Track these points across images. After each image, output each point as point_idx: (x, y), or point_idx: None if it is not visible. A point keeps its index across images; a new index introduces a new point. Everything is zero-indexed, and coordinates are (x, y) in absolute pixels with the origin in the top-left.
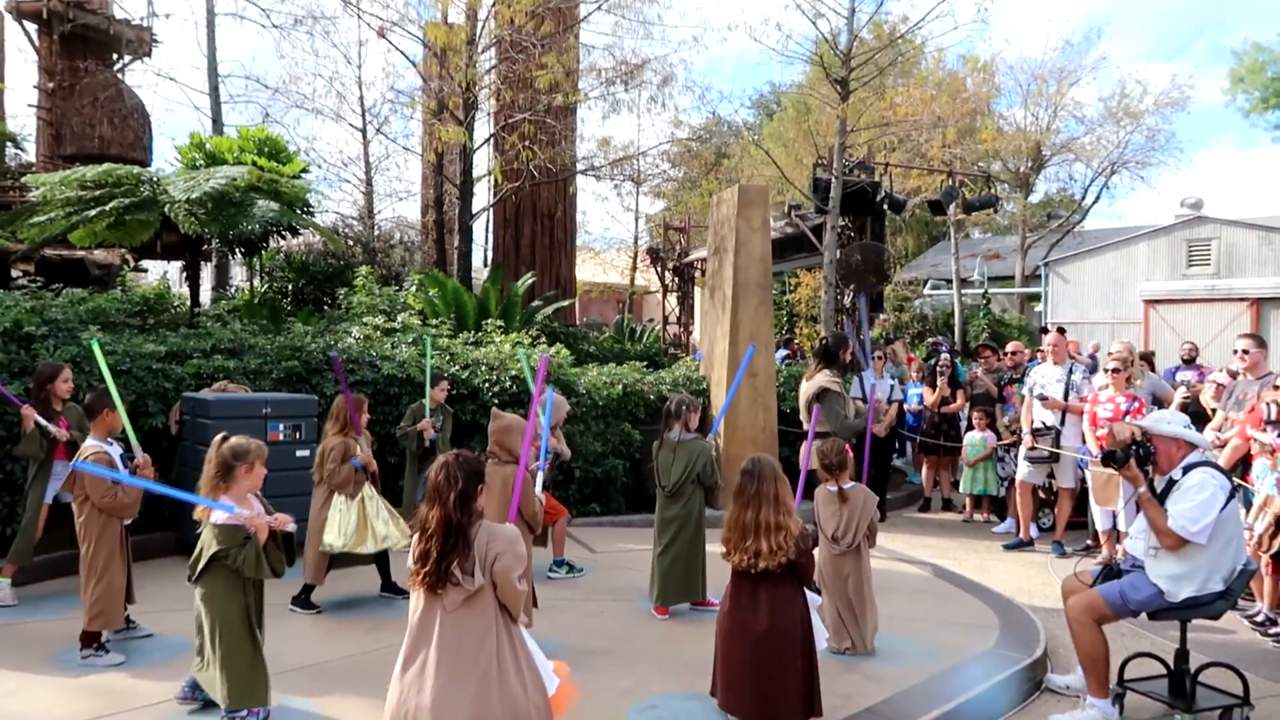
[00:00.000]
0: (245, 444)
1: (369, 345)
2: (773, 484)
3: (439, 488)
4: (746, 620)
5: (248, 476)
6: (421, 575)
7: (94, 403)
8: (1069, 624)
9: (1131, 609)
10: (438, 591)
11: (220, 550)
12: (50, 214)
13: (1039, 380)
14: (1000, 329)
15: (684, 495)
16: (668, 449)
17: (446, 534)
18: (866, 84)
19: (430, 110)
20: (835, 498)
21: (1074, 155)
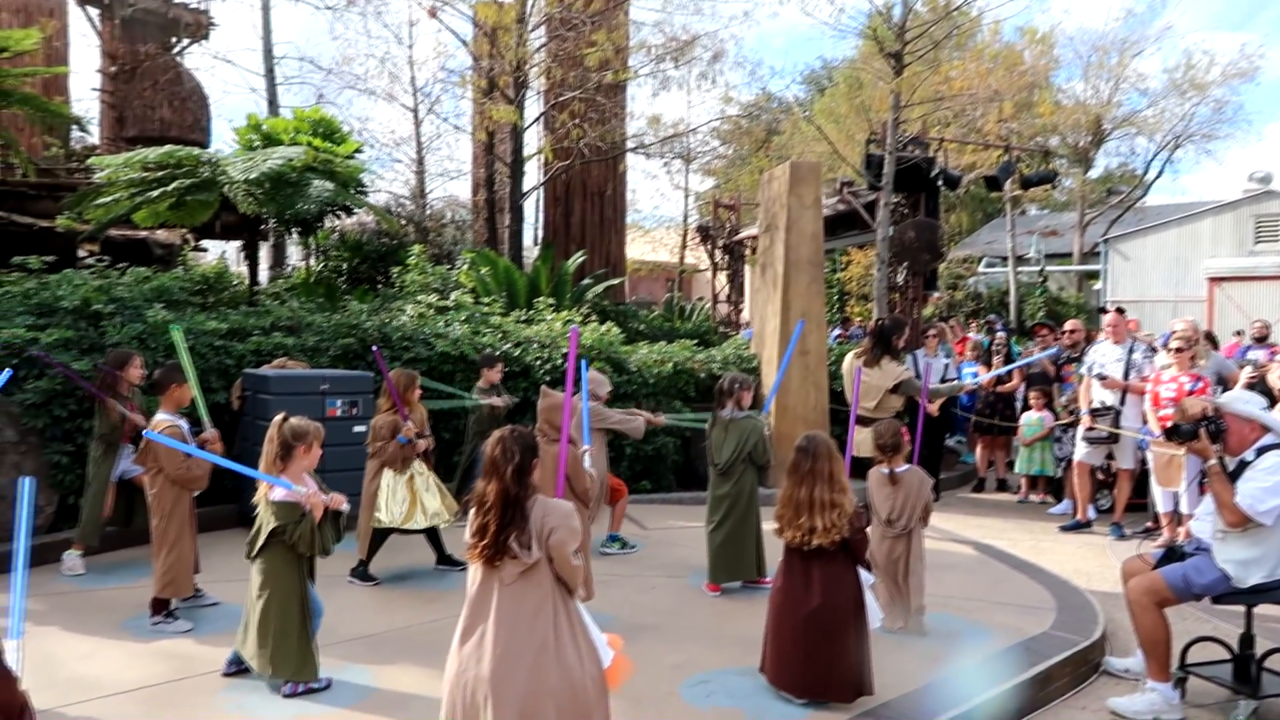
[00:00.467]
0: (304, 425)
1: (423, 323)
2: (827, 462)
3: (495, 462)
4: (799, 597)
5: (305, 456)
6: (480, 548)
7: (163, 378)
8: (1129, 606)
9: (1195, 592)
10: (495, 564)
11: (278, 526)
12: (115, 195)
13: (1098, 359)
14: (1058, 307)
15: (736, 473)
16: (720, 427)
17: (504, 507)
18: (921, 58)
19: (481, 89)
20: (887, 480)
21: (1136, 129)
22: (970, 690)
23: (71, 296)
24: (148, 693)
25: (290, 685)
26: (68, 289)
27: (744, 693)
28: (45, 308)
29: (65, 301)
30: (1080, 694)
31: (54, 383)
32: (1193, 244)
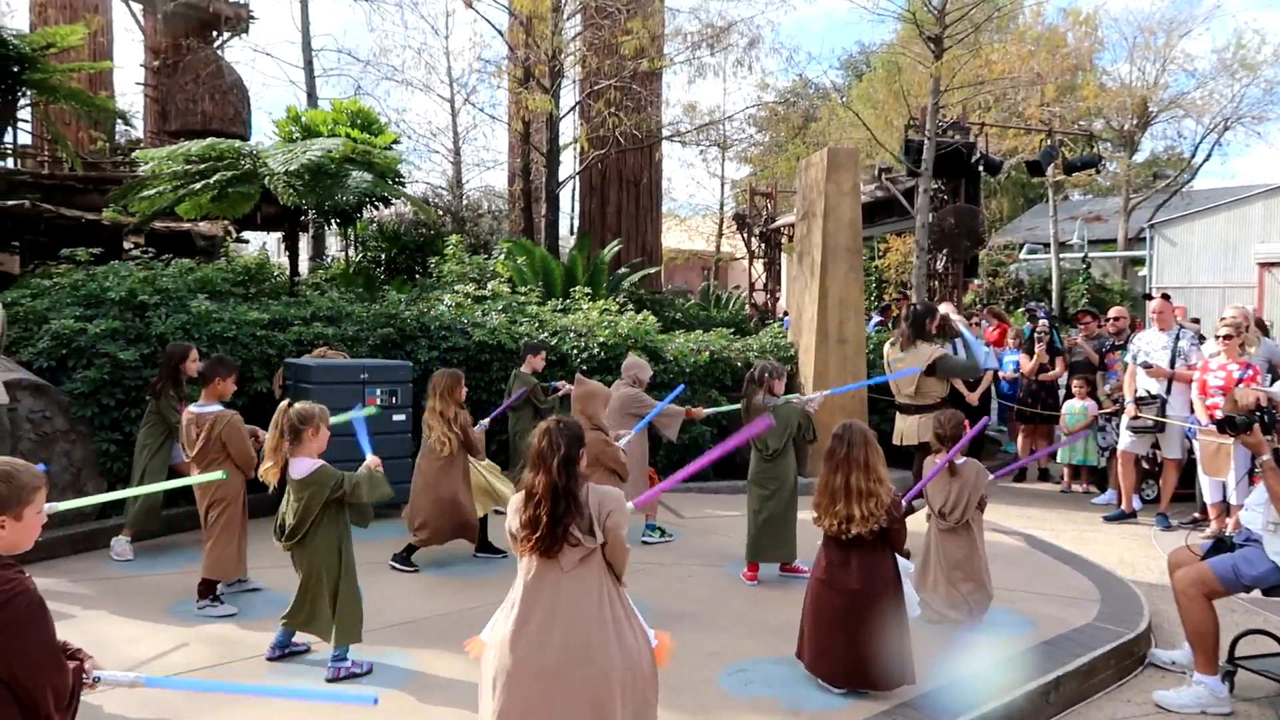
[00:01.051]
0: (310, 409)
1: (460, 313)
2: (863, 449)
3: (543, 454)
4: (838, 585)
5: (314, 439)
6: (534, 540)
7: (208, 370)
8: (1176, 597)
9: (1244, 584)
10: (553, 555)
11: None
12: (159, 188)
13: (1143, 347)
14: (1101, 294)
15: (780, 459)
16: (758, 413)
17: (555, 499)
18: (961, 41)
19: (516, 79)
20: (945, 471)
21: (1183, 111)
22: (1012, 682)
23: (118, 288)
24: (194, 675)
25: (333, 669)
26: (114, 281)
27: (781, 681)
28: (93, 299)
29: (112, 293)
30: (1125, 686)
31: (101, 372)
32: (1242, 228)
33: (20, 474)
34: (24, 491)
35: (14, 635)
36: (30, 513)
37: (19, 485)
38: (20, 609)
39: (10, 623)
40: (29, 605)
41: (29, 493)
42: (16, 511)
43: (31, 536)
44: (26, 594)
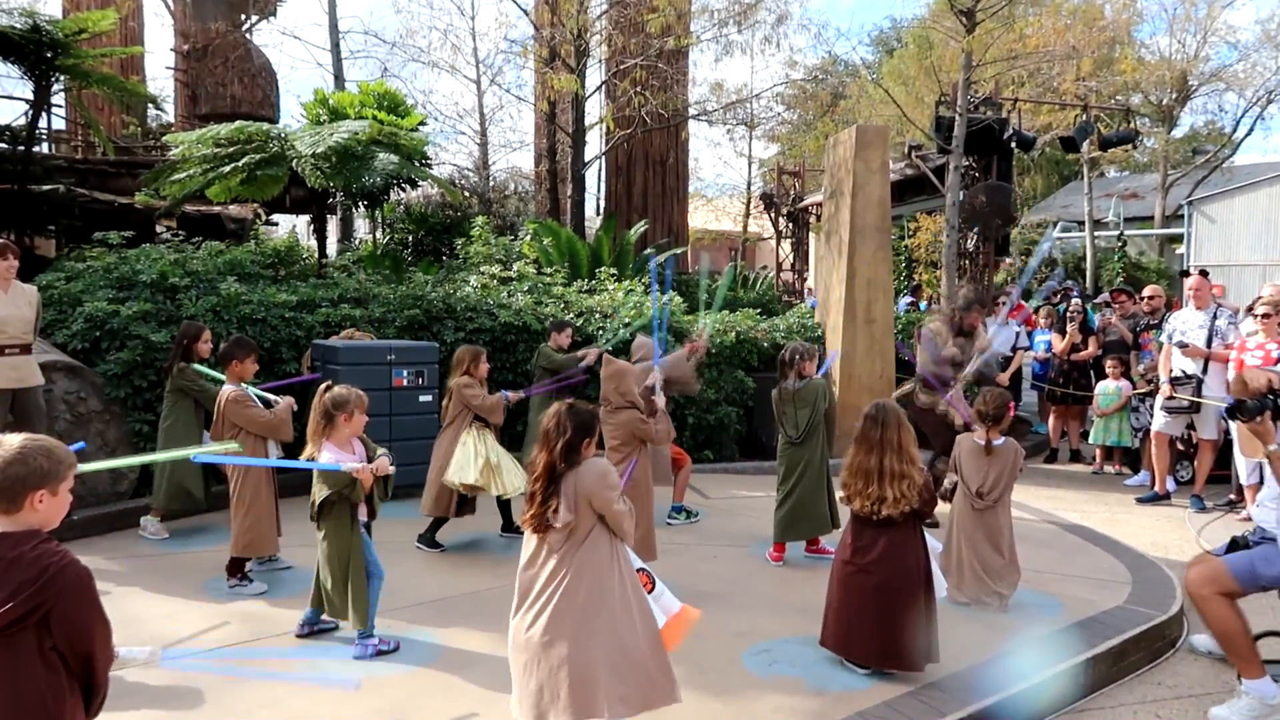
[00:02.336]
0: (345, 394)
1: (486, 294)
2: (896, 430)
3: (549, 435)
4: (866, 565)
5: (347, 424)
6: (528, 518)
7: (226, 352)
8: (1191, 599)
9: (1262, 584)
10: (543, 532)
11: (329, 495)
12: (189, 171)
13: (1179, 326)
14: (1137, 273)
15: (808, 441)
16: (787, 400)
17: (549, 479)
18: (994, 14)
19: (542, 59)
20: (982, 451)
21: (1225, 84)
22: (1040, 663)
23: (149, 271)
24: (226, 651)
25: (360, 646)
26: (146, 263)
27: (805, 661)
28: (125, 281)
29: (144, 275)
30: (1156, 669)
31: (134, 354)
32: None
33: (57, 450)
34: (61, 467)
35: (68, 605)
36: (64, 489)
37: (57, 460)
38: (70, 579)
39: (63, 593)
40: (77, 575)
41: (65, 469)
42: (54, 486)
43: (63, 512)
44: (74, 564)
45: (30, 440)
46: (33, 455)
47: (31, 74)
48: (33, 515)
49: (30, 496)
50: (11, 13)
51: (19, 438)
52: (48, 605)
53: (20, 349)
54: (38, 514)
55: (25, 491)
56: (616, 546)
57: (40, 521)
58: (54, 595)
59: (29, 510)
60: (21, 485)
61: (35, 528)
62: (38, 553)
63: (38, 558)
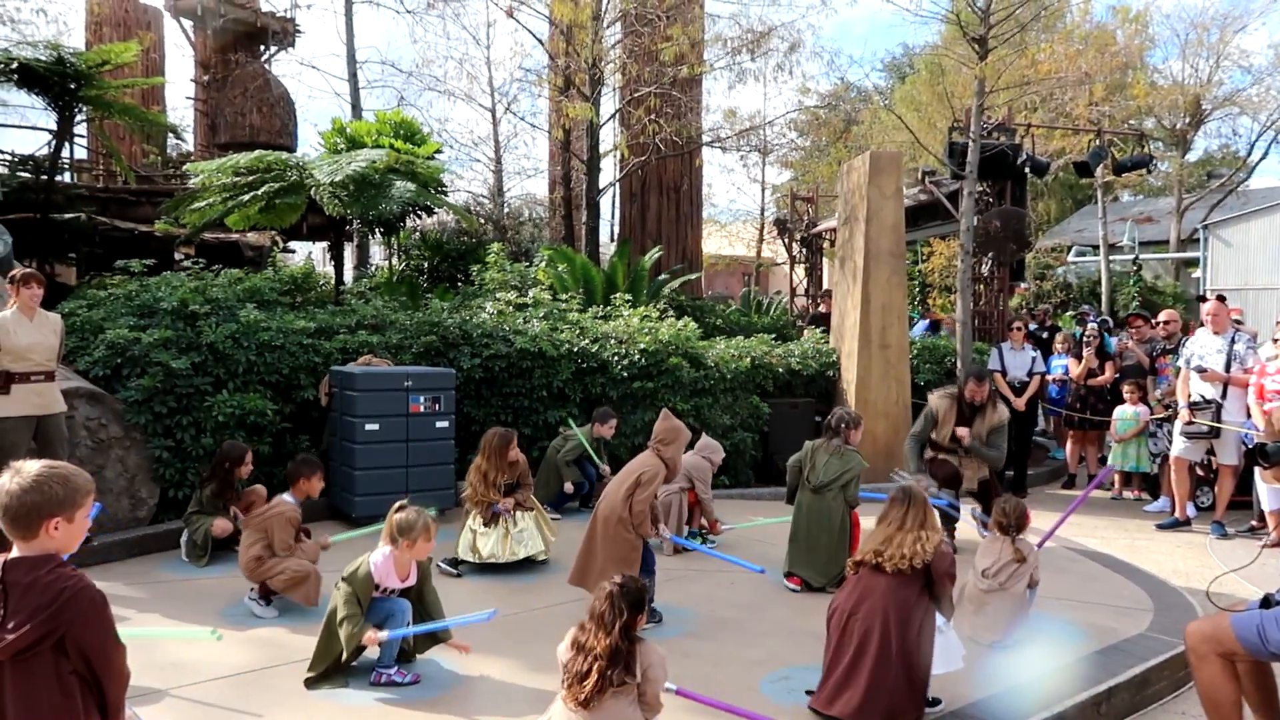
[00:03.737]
0: (411, 520)
1: (502, 320)
2: (922, 510)
3: (604, 618)
4: (856, 609)
5: (409, 550)
6: (578, 691)
7: (293, 471)
8: (1187, 655)
9: (1271, 649)
10: (588, 707)
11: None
12: (209, 200)
13: (1197, 350)
14: (1153, 297)
15: (827, 496)
16: (826, 452)
17: (613, 659)
18: (1007, 41)
19: (557, 87)
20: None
21: (1239, 108)
22: (1062, 692)
23: (170, 298)
24: (243, 678)
25: (376, 673)
26: (166, 291)
27: None
28: (146, 309)
29: (164, 303)
30: (1180, 698)
31: (155, 380)
32: None
33: (74, 477)
34: (78, 494)
35: (82, 629)
36: (80, 515)
37: (74, 488)
38: (84, 603)
39: (78, 617)
40: (91, 599)
41: (81, 495)
42: (69, 513)
43: (80, 538)
44: (88, 588)
45: (47, 468)
46: (48, 483)
47: (55, 105)
48: (49, 541)
49: (46, 524)
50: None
51: (36, 465)
52: (62, 629)
53: (45, 376)
54: (54, 540)
55: (41, 519)
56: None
57: (57, 547)
58: (68, 620)
59: (45, 537)
60: (37, 513)
61: (52, 553)
62: (53, 577)
63: (52, 582)
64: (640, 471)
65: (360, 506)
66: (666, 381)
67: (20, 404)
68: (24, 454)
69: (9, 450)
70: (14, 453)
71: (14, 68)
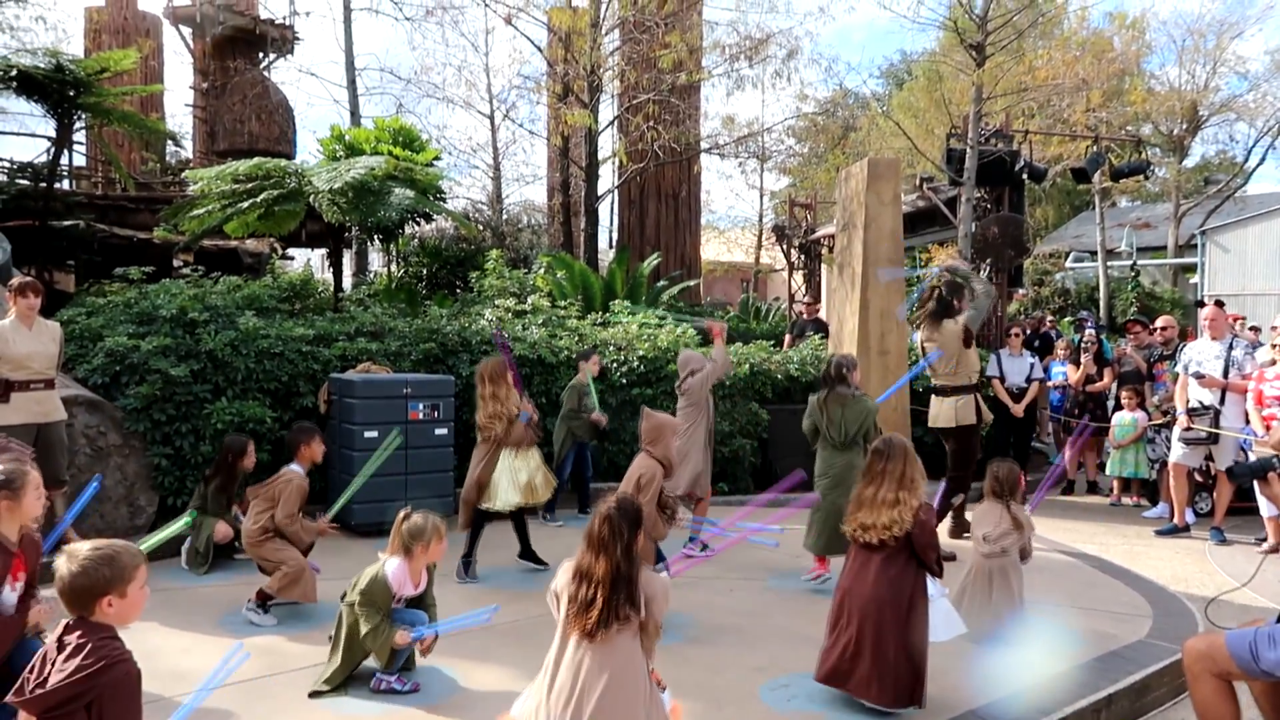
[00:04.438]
0: (422, 525)
1: (501, 327)
2: (902, 462)
3: (604, 541)
4: (855, 591)
5: (424, 555)
6: (584, 622)
7: (292, 439)
8: (1185, 676)
9: (1263, 668)
10: (594, 637)
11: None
12: (208, 207)
13: (1195, 356)
14: (1151, 302)
15: (853, 448)
16: (837, 402)
17: (615, 584)
18: (1004, 48)
19: (556, 94)
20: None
21: (1235, 114)
22: (1061, 699)
23: (169, 305)
24: (243, 687)
25: (376, 679)
26: (165, 298)
27: (824, 697)
28: (145, 316)
29: (163, 310)
30: (1180, 705)
31: (154, 388)
32: None
33: (120, 556)
34: (126, 571)
35: (113, 699)
36: (134, 589)
37: (120, 567)
38: (119, 676)
39: (111, 686)
40: (128, 674)
41: (130, 571)
42: (121, 590)
43: (137, 611)
44: (128, 664)
45: (95, 550)
46: (94, 567)
47: (54, 112)
48: (105, 616)
49: (99, 602)
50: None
51: (85, 547)
52: (93, 695)
53: (44, 384)
54: (109, 615)
55: (94, 599)
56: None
57: (114, 621)
58: (102, 686)
59: (101, 613)
60: (89, 594)
61: (107, 624)
62: (100, 645)
63: (98, 649)
64: (638, 475)
65: (359, 514)
66: (665, 388)
67: (20, 412)
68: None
69: None
70: None
71: (13, 75)
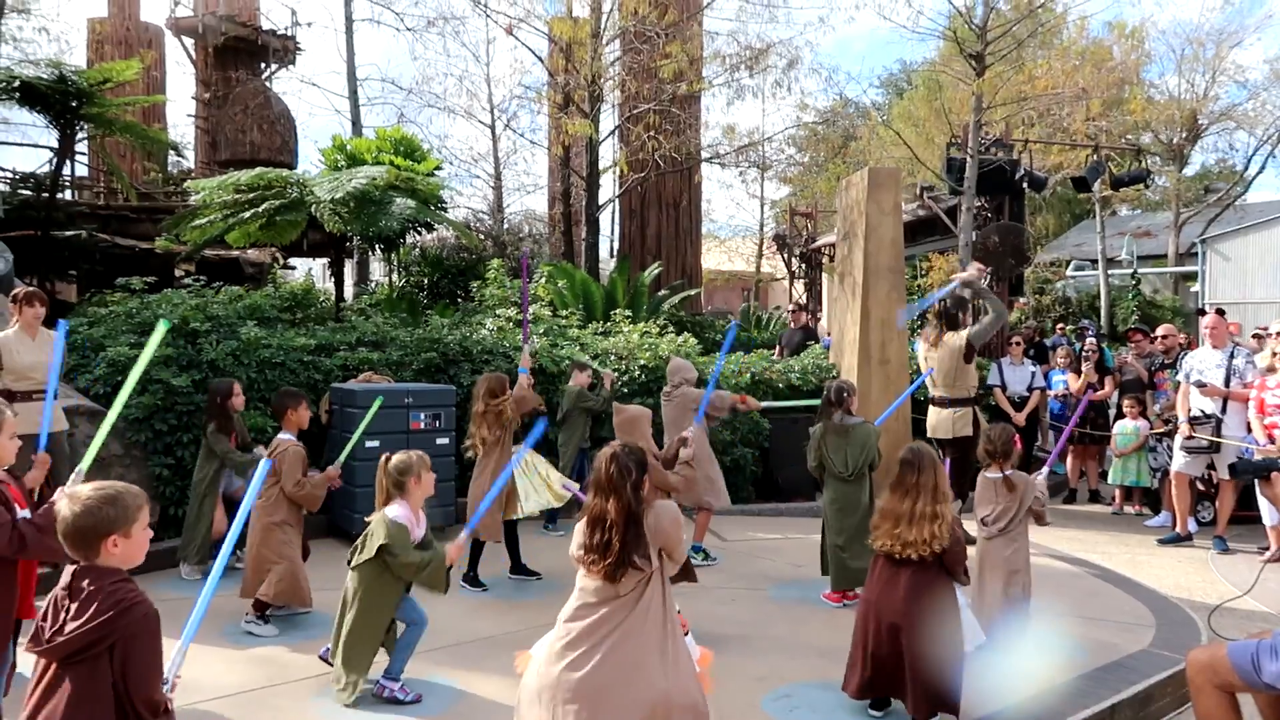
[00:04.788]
0: (407, 459)
1: (502, 336)
2: (932, 474)
3: (613, 480)
4: (885, 604)
5: (418, 487)
6: (604, 565)
7: (278, 404)
8: (1189, 688)
9: (1265, 680)
10: (617, 578)
11: (388, 545)
12: (210, 217)
13: (1196, 365)
14: (1152, 311)
15: (860, 480)
16: (834, 434)
17: (627, 525)
18: (1004, 57)
19: (556, 104)
20: (999, 485)
21: (1235, 123)
22: (1064, 709)
23: (171, 315)
24: (244, 697)
25: (379, 685)
26: (167, 308)
27: (827, 707)
28: (147, 326)
29: (165, 320)
30: (1184, 714)
31: (155, 399)
32: None
33: (123, 495)
34: (129, 510)
35: (132, 640)
36: (137, 530)
37: (124, 506)
38: (138, 619)
39: (130, 628)
40: (145, 617)
41: (134, 511)
42: (125, 530)
43: (141, 552)
44: (143, 605)
45: (97, 490)
46: (98, 506)
47: (57, 122)
48: (110, 558)
49: (104, 543)
50: (39, 64)
51: (87, 488)
52: (113, 638)
53: None
54: (115, 556)
55: (98, 539)
56: (667, 588)
57: (119, 562)
58: (121, 628)
59: (106, 554)
60: (93, 534)
61: (115, 567)
62: (114, 588)
63: (114, 592)
64: None
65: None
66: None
67: (22, 423)
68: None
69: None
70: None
71: (16, 86)
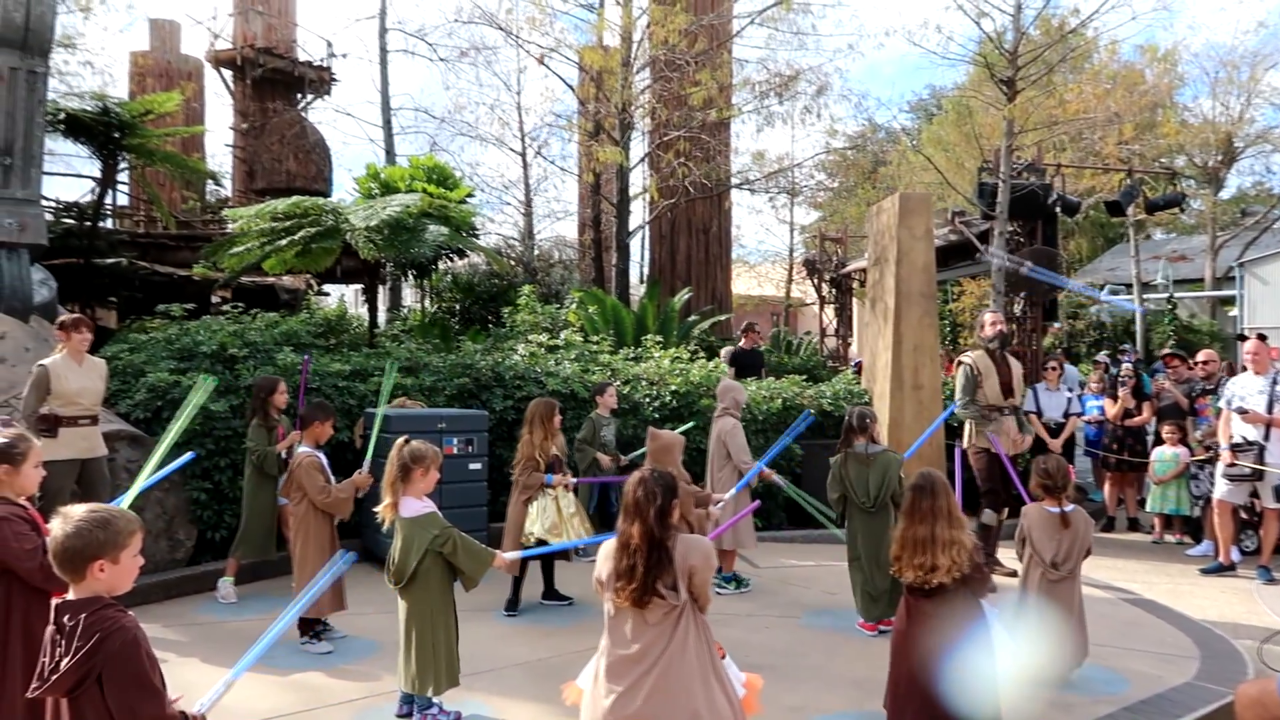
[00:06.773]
0: (423, 449)
1: (534, 362)
2: (946, 498)
3: (639, 504)
4: (916, 636)
5: (422, 479)
6: (629, 591)
7: (307, 415)
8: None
9: None
10: (643, 605)
11: (433, 540)
12: (247, 244)
13: (1238, 391)
14: (1189, 336)
15: (886, 509)
16: (857, 462)
17: (650, 549)
18: (1035, 82)
19: (587, 132)
20: (1057, 520)
21: (1271, 145)
22: None
23: (209, 341)
24: None
25: (421, 715)
26: (206, 334)
27: None
28: (186, 352)
29: (204, 346)
30: None
31: (194, 423)
32: None
33: (115, 520)
34: (120, 536)
35: (114, 668)
36: (126, 556)
37: (115, 531)
38: (116, 646)
39: (109, 657)
40: (124, 643)
41: (125, 537)
42: (114, 555)
43: (129, 579)
44: (122, 631)
45: (89, 512)
46: (89, 528)
47: (100, 153)
48: (96, 583)
49: (91, 567)
50: (83, 96)
51: (80, 510)
52: (99, 668)
53: (90, 420)
54: (101, 582)
55: (85, 563)
56: (700, 618)
57: (105, 588)
58: (102, 658)
59: (93, 579)
60: (80, 557)
61: (99, 594)
62: (94, 619)
63: (94, 623)
64: None
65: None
66: (698, 423)
67: (66, 447)
68: (68, 497)
69: (54, 494)
70: (59, 496)
71: (61, 118)
